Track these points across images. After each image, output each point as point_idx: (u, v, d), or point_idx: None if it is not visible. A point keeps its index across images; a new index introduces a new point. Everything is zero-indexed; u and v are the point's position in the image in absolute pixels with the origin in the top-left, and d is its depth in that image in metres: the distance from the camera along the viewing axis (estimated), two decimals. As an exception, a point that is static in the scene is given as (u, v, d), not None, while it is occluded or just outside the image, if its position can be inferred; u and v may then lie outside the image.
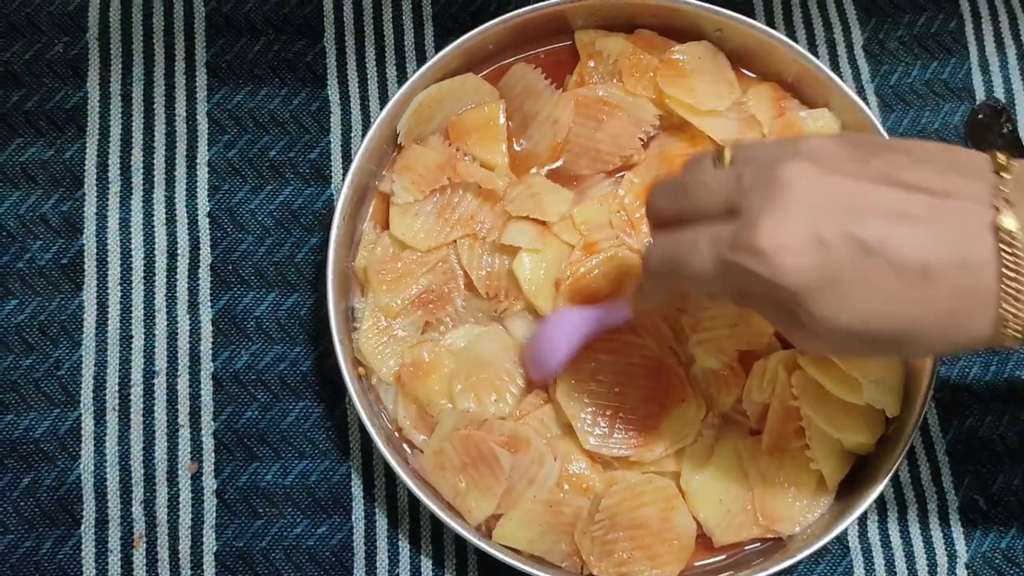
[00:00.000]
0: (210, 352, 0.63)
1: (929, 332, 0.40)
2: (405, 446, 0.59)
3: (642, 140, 0.62)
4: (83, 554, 0.60)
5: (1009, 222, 0.39)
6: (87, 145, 0.66)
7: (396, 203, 0.60)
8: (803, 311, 0.40)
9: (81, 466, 0.61)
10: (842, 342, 0.42)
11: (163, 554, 0.60)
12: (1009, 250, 0.39)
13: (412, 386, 0.58)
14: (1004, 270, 0.39)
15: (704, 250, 0.42)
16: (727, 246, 0.41)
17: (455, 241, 0.61)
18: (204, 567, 0.60)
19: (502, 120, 0.62)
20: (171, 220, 0.65)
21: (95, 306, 0.63)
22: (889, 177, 0.40)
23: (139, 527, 0.61)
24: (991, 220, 0.39)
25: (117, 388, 0.62)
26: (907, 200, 0.40)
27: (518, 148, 0.63)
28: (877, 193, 0.40)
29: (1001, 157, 0.41)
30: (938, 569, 0.62)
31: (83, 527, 0.60)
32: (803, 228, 0.39)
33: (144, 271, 0.64)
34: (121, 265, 0.64)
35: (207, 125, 0.67)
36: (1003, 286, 0.39)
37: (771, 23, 0.70)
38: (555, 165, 0.63)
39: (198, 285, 0.64)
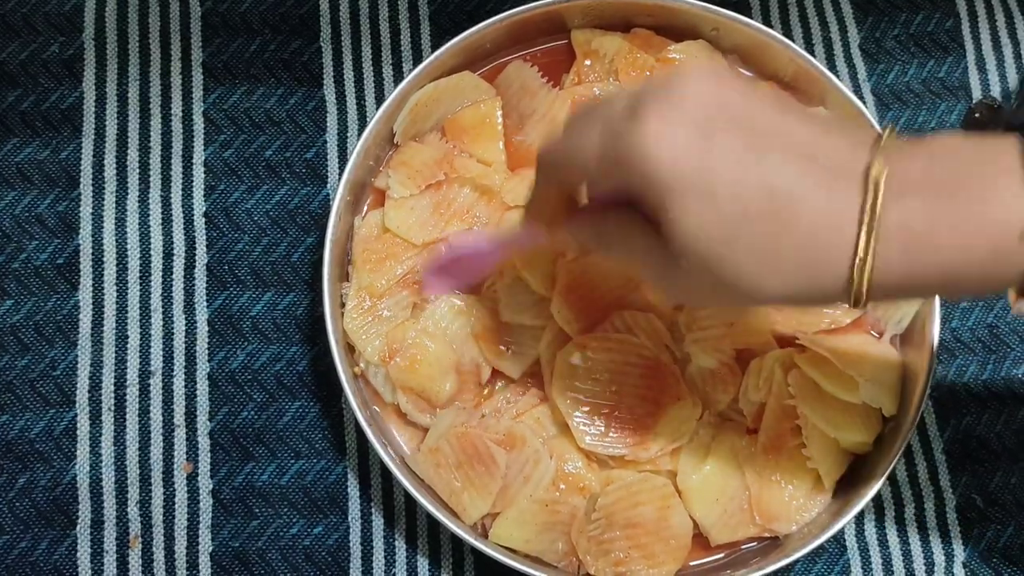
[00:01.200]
0: (206, 352, 0.63)
1: (781, 271, 0.40)
2: (401, 444, 0.59)
3: None
4: (79, 555, 0.60)
5: (877, 167, 0.38)
6: (83, 145, 0.66)
7: (392, 197, 0.60)
8: (665, 215, 0.40)
9: (77, 466, 0.61)
10: (694, 264, 0.40)
11: (159, 554, 0.60)
12: (871, 195, 0.38)
13: (404, 379, 0.58)
14: (863, 211, 0.38)
15: (594, 136, 0.41)
16: (616, 126, 0.40)
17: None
18: (200, 567, 0.60)
19: (498, 117, 0.62)
20: (167, 220, 0.65)
21: (91, 306, 0.63)
22: (783, 108, 0.40)
23: (135, 527, 0.61)
24: (862, 165, 0.39)
25: (113, 388, 0.62)
26: (794, 130, 0.40)
27: (516, 140, 0.63)
28: (769, 116, 0.40)
29: (887, 128, 0.41)
30: (935, 568, 0.62)
31: (79, 528, 0.60)
32: (691, 124, 0.39)
33: (140, 271, 0.64)
34: (117, 265, 0.64)
35: (203, 125, 0.67)
36: (859, 229, 0.38)
37: (767, 22, 0.70)
38: None
39: (194, 285, 0.64)
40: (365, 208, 0.62)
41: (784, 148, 0.39)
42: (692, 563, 0.57)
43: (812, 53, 0.69)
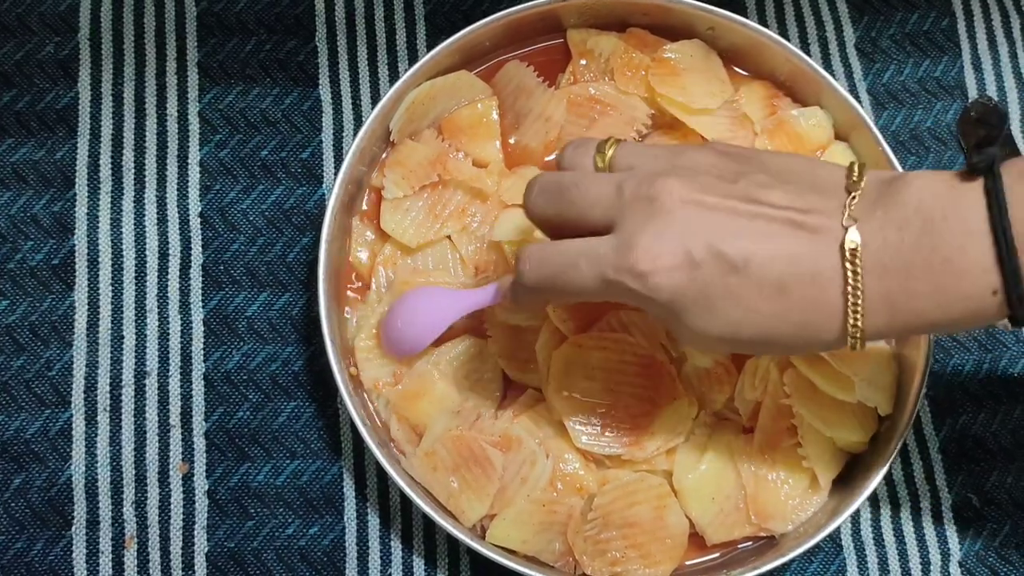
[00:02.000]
0: (201, 352, 0.63)
1: (787, 339, 0.44)
2: (401, 440, 0.59)
3: (635, 139, 0.62)
4: (74, 555, 0.60)
5: (852, 239, 0.42)
6: (78, 145, 0.66)
7: (387, 198, 0.60)
8: (676, 322, 0.44)
9: (72, 467, 0.61)
10: (713, 346, 0.48)
11: (154, 555, 0.60)
12: (851, 266, 0.42)
13: (402, 407, 0.58)
14: (847, 284, 0.42)
15: (585, 268, 0.45)
16: (607, 266, 0.44)
17: (448, 238, 0.60)
18: (195, 568, 0.60)
19: (495, 117, 0.62)
20: (162, 220, 0.65)
21: (86, 306, 0.63)
22: (755, 198, 0.44)
23: (130, 528, 0.60)
24: (839, 237, 0.42)
25: (108, 388, 0.62)
26: (769, 218, 0.43)
27: (512, 141, 0.63)
28: (743, 213, 0.43)
29: (855, 172, 0.44)
30: (932, 567, 0.62)
31: (74, 528, 0.60)
32: (676, 249, 0.43)
33: (135, 271, 0.64)
34: (112, 265, 0.64)
35: (198, 125, 0.66)
36: (847, 299, 0.42)
37: (763, 21, 0.70)
38: (549, 158, 0.63)
39: (189, 285, 0.64)
40: (363, 207, 0.62)
41: (763, 237, 0.43)
42: (688, 562, 0.57)
43: (808, 52, 0.69)
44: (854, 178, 0.44)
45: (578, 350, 0.57)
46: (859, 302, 0.42)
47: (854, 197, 0.43)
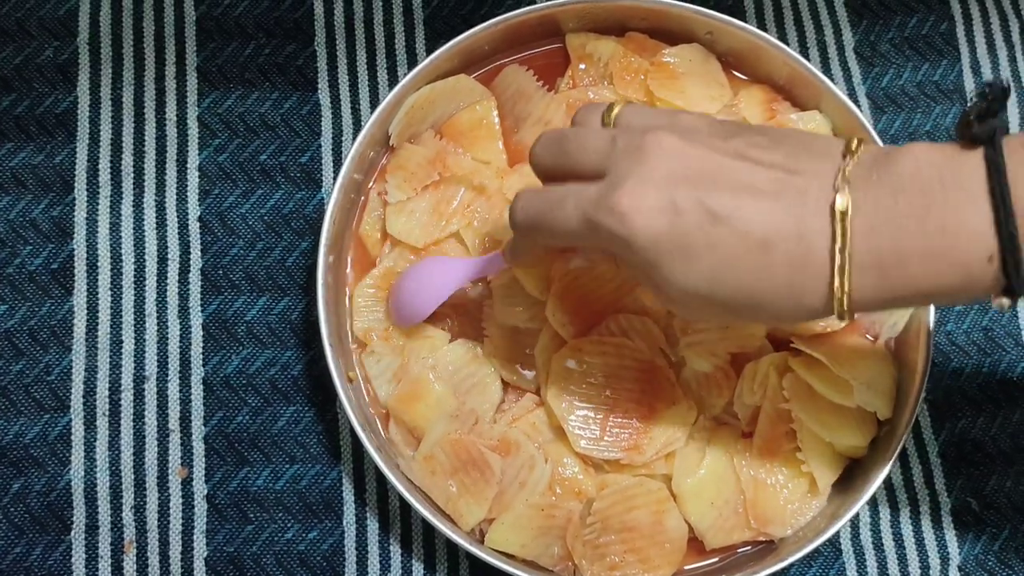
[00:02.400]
0: (200, 357, 0.63)
1: (769, 300, 0.43)
2: (400, 445, 0.59)
3: None
4: (73, 560, 0.60)
5: (842, 201, 0.41)
6: (77, 149, 0.66)
7: (390, 203, 0.61)
8: (655, 271, 0.43)
9: (71, 471, 0.61)
10: (689, 303, 0.44)
11: (153, 560, 0.60)
12: (840, 228, 0.41)
13: (400, 410, 0.58)
14: (834, 245, 0.41)
15: (570, 207, 0.45)
16: (591, 205, 0.44)
17: (455, 234, 0.61)
18: (195, 572, 0.60)
19: (495, 118, 0.62)
20: (161, 224, 0.65)
21: (85, 311, 0.63)
22: (745, 154, 0.43)
23: (129, 533, 0.60)
24: (830, 198, 0.41)
25: (107, 393, 0.62)
26: (758, 175, 0.42)
27: (514, 139, 0.63)
28: (731, 167, 0.43)
29: (854, 142, 0.43)
30: (931, 571, 0.62)
31: (73, 533, 0.60)
32: (659, 194, 0.42)
33: (134, 276, 0.64)
34: (111, 270, 0.64)
35: (197, 129, 0.67)
36: (833, 260, 0.41)
37: (762, 26, 0.70)
38: None
39: (188, 289, 0.64)
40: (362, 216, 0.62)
41: (750, 192, 0.42)
42: (687, 567, 0.57)
43: (807, 57, 0.69)
44: (852, 148, 0.43)
45: (577, 354, 0.57)
46: (846, 265, 0.41)
47: (848, 163, 0.42)
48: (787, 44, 0.63)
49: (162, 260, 0.64)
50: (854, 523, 0.63)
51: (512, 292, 0.59)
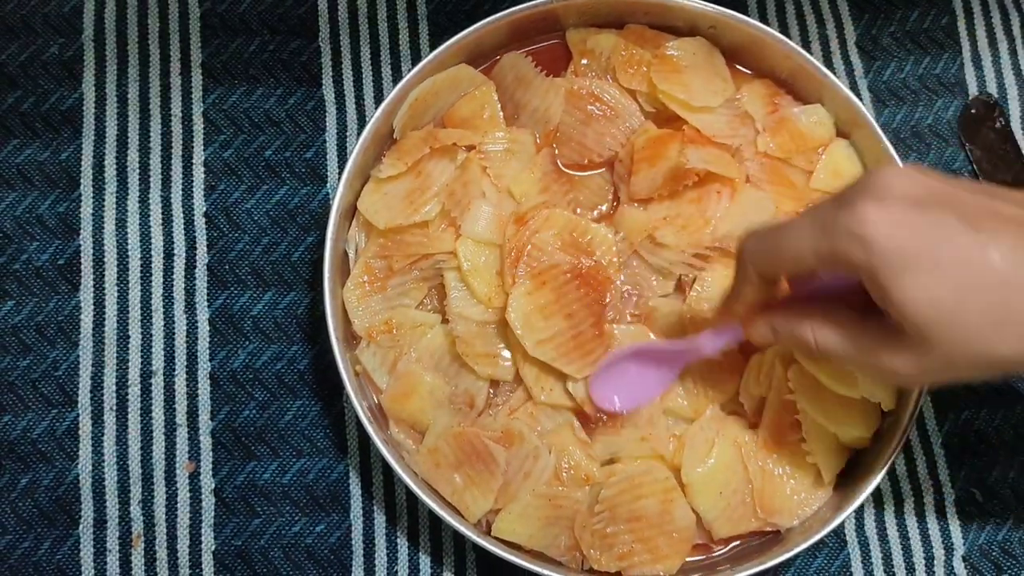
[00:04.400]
0: (207, 351, 0.63)
1: (1013, 333, 0.41)
2: (404, 441, 0.59)
3: (624, 144, 0.62)
4: (81, 554, 0.60)
5: None
6: (83, 146, 0.66)
7: (377, 177, 0.60)
8: (893, 291, 0.41)
9: (79, 466, 0.61)
10: (923, 330, 0.42)
11: (161, 553, 0.60)
12: None
13: (396, 409, 0.58)
14: None
15: (805, 230, 0.44)
16: (829, 223, 0.43)
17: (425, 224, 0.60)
18: (203, 566, 0.60)
19: (495, 101, 0.62)
20: (167, 220, 0.65)
21: (92, 306, 0.63)
22: (984, 189, 0.43)
23: (137, 527, 0.61)
24: None
25: (115, 388, 0.62)
26: (995, 207, 0.42)
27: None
28: (969, 195, 0.42)
29: None
30: (935, 562, 0.62)
31: (81, 527, 0.60)
32: (901, 206, 0.41)
33: (141, 271, 0.64)
34: (118, 265, 0.64)
35: (203, 125, 0.67)
36: None
37: (764, 19, 0.71)
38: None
39: (195, 285, 0.64)
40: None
41: (996, 221, 0.41)
42: (695, 557, 0.58)
43: (809, 50, 0.69)
44: None
45: (529, 298, 0.57)
46: None
47: None
48: (789, 38, 0.63)
49: (168, 255, 0.65)
50: (859, 514, 0.63)
51: (467, 290, 0.59)
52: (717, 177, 0.60)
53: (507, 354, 0.58)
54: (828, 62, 0.70)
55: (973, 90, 0.70)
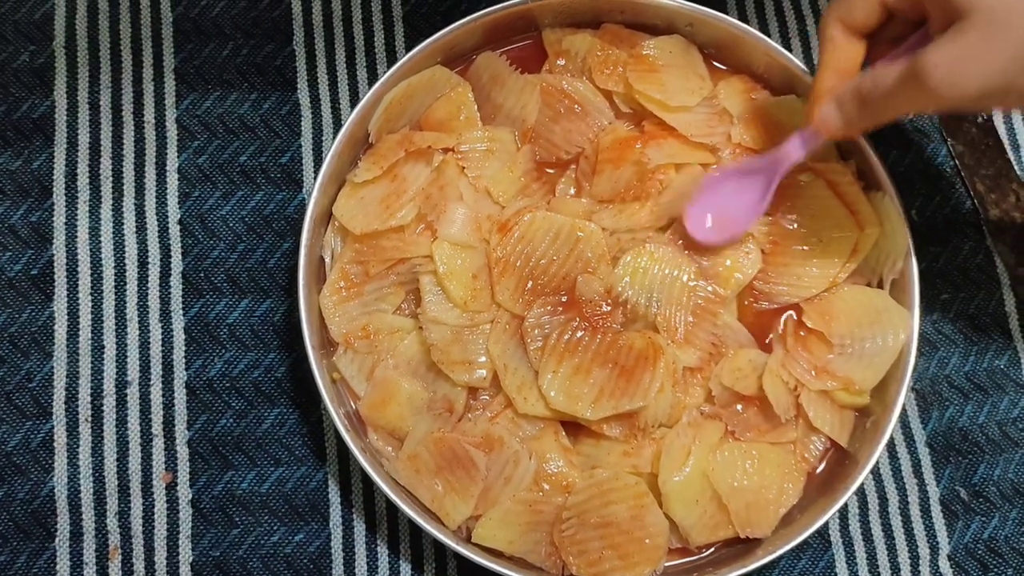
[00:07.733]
0: (183, 360, 0.63)
1: None
2: (383, 448, 0.59)
3: (591, 141, 0.62)
4: (58, 567, 0.59)
5: None
6: (55, 154, 0.65)
7: (352, 181, 0.60)
8: None
9: (54, 478, 0.60)
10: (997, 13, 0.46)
11: (139, 565, 0.60)
12: None
13: (374, 417, 0.58)
14: None
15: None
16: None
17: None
18: (181, 577, 0.60)
19: (472, 102, 0.62)
20: (141, 228, 0.64)
21: (66, 317, 0.63)
22: None
23: (114, 539, 0.60)
24: None
25: (89, 399, 0.62)
26: None
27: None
28: None
29: None
30: (920, 561, 0.62)
31: (57, 540, 0.60)
32: None
33: (115, 280, 0.64)
34: (91, 275, 0.64)
35: (176, 131, 0.66)
36: None
37: (743, 17, 0.70)
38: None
39: (170, 293, 0.64)
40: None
41: None
42: (674, 562, 0.57)
43: (789, 48, 0.69)
44: None
45: (558, 375, 0.57)
46: None
47: None
48: (769, 35, 0.63)
49: (143, 264, 0.64)
50: (843, 514, 0.62)
51: (443, 295, 0.59)
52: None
53: (483, 360, 0.58)
54: (808, 59, 0.70)
55: (954, 85, 0.70)
